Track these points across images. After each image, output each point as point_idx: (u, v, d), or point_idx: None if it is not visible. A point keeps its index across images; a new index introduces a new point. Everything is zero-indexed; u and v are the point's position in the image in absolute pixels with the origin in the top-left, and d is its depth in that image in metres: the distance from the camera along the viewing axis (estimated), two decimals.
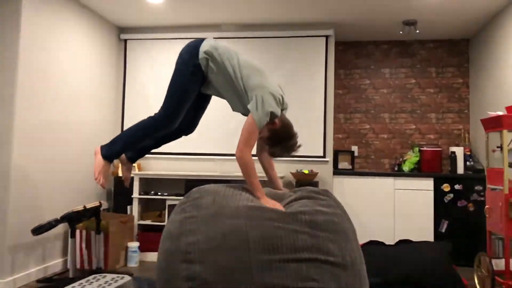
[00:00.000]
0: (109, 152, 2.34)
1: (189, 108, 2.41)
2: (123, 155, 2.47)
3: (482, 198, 4.46)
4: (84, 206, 3.63)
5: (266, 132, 2.20)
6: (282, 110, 2.26)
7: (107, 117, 4.92)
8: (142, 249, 4.45)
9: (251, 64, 2.22)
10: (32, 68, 3.69)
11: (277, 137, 2.20)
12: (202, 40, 2.28)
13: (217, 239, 1.98)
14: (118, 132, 5.08)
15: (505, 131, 3.28)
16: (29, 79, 3.65)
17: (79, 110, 4.38)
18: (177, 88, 2.25)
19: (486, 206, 3.55)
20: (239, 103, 2.26)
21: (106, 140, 4.89)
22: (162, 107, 2.29)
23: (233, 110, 2.34)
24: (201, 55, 2.22)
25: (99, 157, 2.35)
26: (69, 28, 4.19)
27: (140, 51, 5.11)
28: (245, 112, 2.27)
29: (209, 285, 1.92)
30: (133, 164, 2.47)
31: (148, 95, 5.06)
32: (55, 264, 3.98)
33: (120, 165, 2.55)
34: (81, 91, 4.41)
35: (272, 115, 2.13)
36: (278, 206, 2.10)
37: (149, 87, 5.06)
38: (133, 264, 4.24)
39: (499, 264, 3.67)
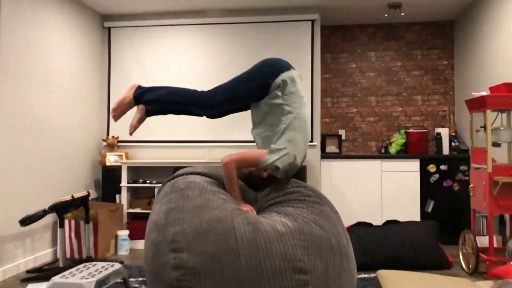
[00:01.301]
0: (141, 95, 2.33)
1: None
2: (143, 105, 2.40)
3: (467, 178, 4.54)
4: (72, 196, 3.62)
5: (256, 171, 2.24)
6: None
7: (93, 106, 4.87)
8: (132, 237, 4.46)
9: (304, 122, 2.23)
10: (12, 58, 3.63)
11: (256, 182, 2.25)
12: (290, 66, 2.28)
13: (203, 227, 2.00)
14: (105, 120, 5.04)
15: (488, 111, 3.33)
16: (10, 69, 3.59)
17: (64, 100, 4.33)
18: (237, 88, 2.25)
19: (471, 185, 3.62)
20: (264, 134, 2.26)
21: (93, 129, 4.85)
22: (213, 92, 2.27)
23: (252, 130, 2.34)
24: (279, 78, 2.21)
25: (130, 93, 2.35)
26: (50, 16, 4.12)
27: (125, 39, 5.05)
28: (261, 143, 2.28)
29: (197, 272, 1.94)
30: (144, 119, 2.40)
31: (133, 82, 5.01)
32: (44, 255, 3.97)
33: (134, 119, 2.48)
34: (65, 81, 4.36)
35: (275, 171, 2.16)
36: (253, 212, 2.17)
37: (134, 75, 5.02)
38: (123, 252, 4.25)
39: (483, 241, 3.75)
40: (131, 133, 2.44)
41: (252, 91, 2.23)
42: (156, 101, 2.31)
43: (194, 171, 2.43)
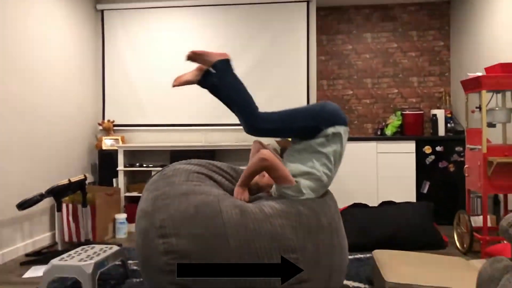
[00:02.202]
0: (219, 67, 2.31)
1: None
2: (202, 66, 2.39)
3: (462, 159, 4.57)
4: (69, 180, 3.62)
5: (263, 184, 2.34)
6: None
7: (87, 89, 4.84)
8: (130, 220, 4.49)
9: (330, 181, 2.29)
10: (4, 43, 3.58)
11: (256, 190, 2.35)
12: (346, 121, 2.28)
13: (190, 211, 2.03)
14: (100, 103, 5.01)
15: (483, 92, 3.33)
16: (2, 54, 3.55)
17: (58, 84, 4.29)
18: (288, 122, 2.25)
19: (466, 166, 3.64)
20: (293, 160, 2.29)
21: (88, 112, 4.83)
22: (265, 117, 2.26)
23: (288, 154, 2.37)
24: (332, 129, 2.22)
25: (201, 66, 2.37)
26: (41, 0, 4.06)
27: (118, 21, 4.99)
28: (286, 162, 2.31)
29: (186, 255, 1.97)
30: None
31: (128, 67, 4.97)
32: (43, 238, 3.99)
33: (186, 76, 2.47)
34: (58, 64, 4.31)
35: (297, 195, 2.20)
36: (244, 198, 2.22)
37: (128, 58, 4.97)
38: (121, 235, 4.28)
39: (477, 221, 3.80)
40: (173, 86, 2.43)
41: (301, 129, 2.24)
42: (221, 78, 2.28)
43: (190, 162, 2.46)
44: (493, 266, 1.60)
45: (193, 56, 2.34)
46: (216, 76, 2.31)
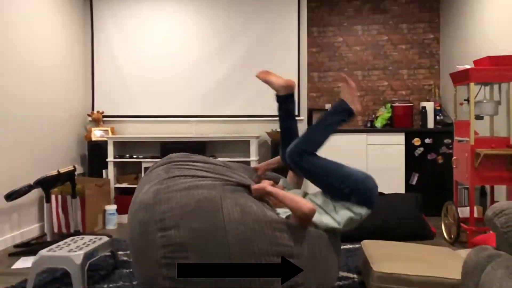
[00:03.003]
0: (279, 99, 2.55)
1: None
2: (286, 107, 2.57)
3: (451, 151, 4.62)
4: (58, 171, 3.59)
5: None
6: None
7: (77, 80, 4.79)
8: (120, 211, 4.47)
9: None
10: None
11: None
12: (374, 205, 2.28)
13: (191, 205, 2.02)
14: (89, 94, 4.97)
15: (472, 84, 3.36)
16: None
17: (46, 73, 4.24)
18: (328, 178, 2.29)
19: (453, 157, 3.69)
20: (317, 203, 2.33)
21: (77, 103, 4.78)
22: (315, 157, 2.36)
23: (311, 195, 2.41)
24: (358, 209, 2.25)
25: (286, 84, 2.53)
26: None
27: (107, 9, 4.93)
28: (308, 197, 2.37)
29: (184, 248, 1.97)
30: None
31: (117, 57, 4.92)
32: (31, 230, 3.97)
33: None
34: (46, 54, 4.26)
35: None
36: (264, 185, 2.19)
37: (118, 46, 4.92)
38: (111, 226, 4.27)
39: (464, 211, 3.86)
40: (257, 76, 2.54)
41: (332, 187, 2.28)
42: (284, 109, 2.56)
43: (190, 158, 2.43)
44: (478, 254, 1.63)
45: (263, 77, 2.49)
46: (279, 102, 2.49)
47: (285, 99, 2.53)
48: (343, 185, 2.25)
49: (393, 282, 2.26)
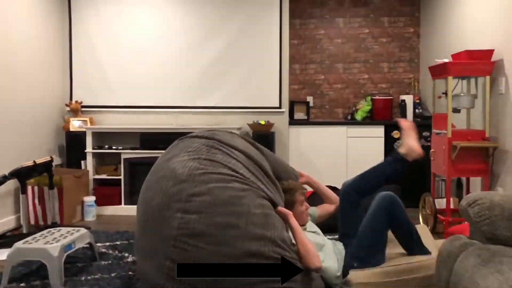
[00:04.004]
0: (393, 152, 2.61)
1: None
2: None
3: (429, 144, 4.70)
4: (34, 162, 3.52)
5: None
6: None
7: (54, 69, 4.69)
8: (99, 203, 4.42)
9: None
10: None
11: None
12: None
13: (223, 199, 1.95)
14: (67, 84, 4.87)
15: (450, 78, 3.42)
16: None
17: (23, 63, 4.14)
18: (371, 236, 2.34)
19: (431, 150, 3.75)
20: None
21: (55, 93, 4.69)
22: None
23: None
24: (336, 270, 2.32)
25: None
26: None
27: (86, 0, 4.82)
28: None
29: (199, 237, 1.90)
30: None
31: (96, 46, 4.83)
32: (7, 222, 3.88)
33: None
34: (22, 43, 4.15)
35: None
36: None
37: (97, 37, 4.83)
38: (90, 218, 4.22)
39: (441, 203, 3.93)
40: (398, 121, 2.62)
41: (359, 245, 2.34)
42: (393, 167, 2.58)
43: (234, 143, 2.33)
44: (452, 244, 1.66)
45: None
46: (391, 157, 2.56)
47: (405, 165, 2.54)
48: (364, 251, 2.28)
49: (369, 277, 2.26)
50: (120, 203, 4.48)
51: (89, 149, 4.49)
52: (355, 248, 2.31)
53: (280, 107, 4.78)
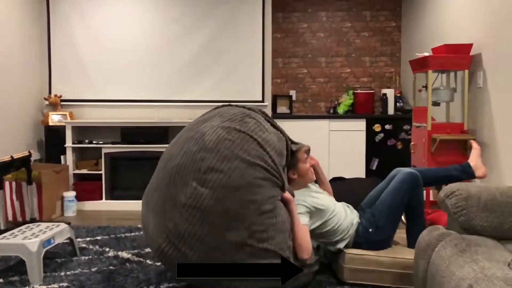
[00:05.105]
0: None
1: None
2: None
3: (410, 137, 4.76)
4: (12, 156, 3.45)
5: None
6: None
7: (32, 61, 4.58)
8: (80, 198, 4.36)
9: None
10: None
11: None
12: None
13: (239, 183, 1.92)
14: (46, 77, 4.77)
15: (430, 71, 3.46)
16: None
17: None
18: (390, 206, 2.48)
19: (412, 143, 3.80)
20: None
21: (33, 86, 4.59)
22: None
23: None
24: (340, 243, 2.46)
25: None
26: None
27: None
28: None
29: (205, 212, 1.89)
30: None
31: (76, 38, 4.74)
32: None
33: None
34: None
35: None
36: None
37: (76, 29, 4.73)
38: (70, 213, 4.16)
39: None
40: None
41: (379, 213, 2.48)
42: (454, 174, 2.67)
43: (267, 118, 2.31)
44: (430, 234, 1.69)
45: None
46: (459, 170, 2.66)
47: (469, 178, 2.67)
48: (382, 220, 2.40)
49: (363, 264, 2.32)
50: (101, 198, 4.43)
51: (69, 143, 4.41)
52: (375, 215, 2.44)
53: (263, 101, 4.77)
